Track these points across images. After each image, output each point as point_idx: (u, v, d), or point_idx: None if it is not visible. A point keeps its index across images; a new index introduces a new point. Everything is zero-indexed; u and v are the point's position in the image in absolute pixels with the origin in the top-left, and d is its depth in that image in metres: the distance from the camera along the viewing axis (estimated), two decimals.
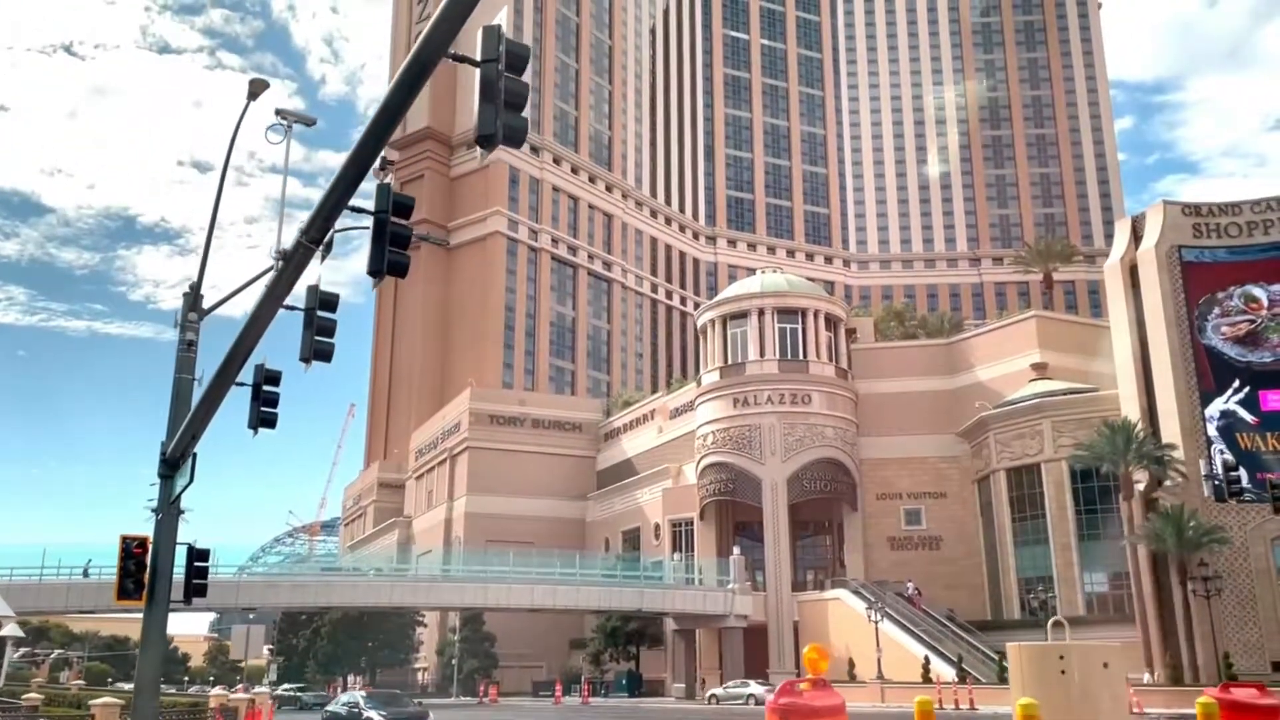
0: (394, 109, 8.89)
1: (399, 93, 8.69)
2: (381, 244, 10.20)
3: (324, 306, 12.89)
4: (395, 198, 10.52)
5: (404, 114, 9.14)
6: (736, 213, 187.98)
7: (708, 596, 65.12)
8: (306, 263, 11.29)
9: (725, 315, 73.88)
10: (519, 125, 8.61)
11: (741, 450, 70.10)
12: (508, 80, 8.43)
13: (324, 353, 12.84)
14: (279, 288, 11.87)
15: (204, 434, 15.69)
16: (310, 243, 10.71)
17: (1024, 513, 64.37)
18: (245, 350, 13.11)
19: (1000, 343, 70.96)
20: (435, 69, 8.65)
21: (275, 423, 14.98)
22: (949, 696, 50.46)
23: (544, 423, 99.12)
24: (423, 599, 67.43)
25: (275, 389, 15.08)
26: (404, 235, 10.42)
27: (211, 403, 14.54)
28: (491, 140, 8.49)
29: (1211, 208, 60.20)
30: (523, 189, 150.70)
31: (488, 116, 8.34)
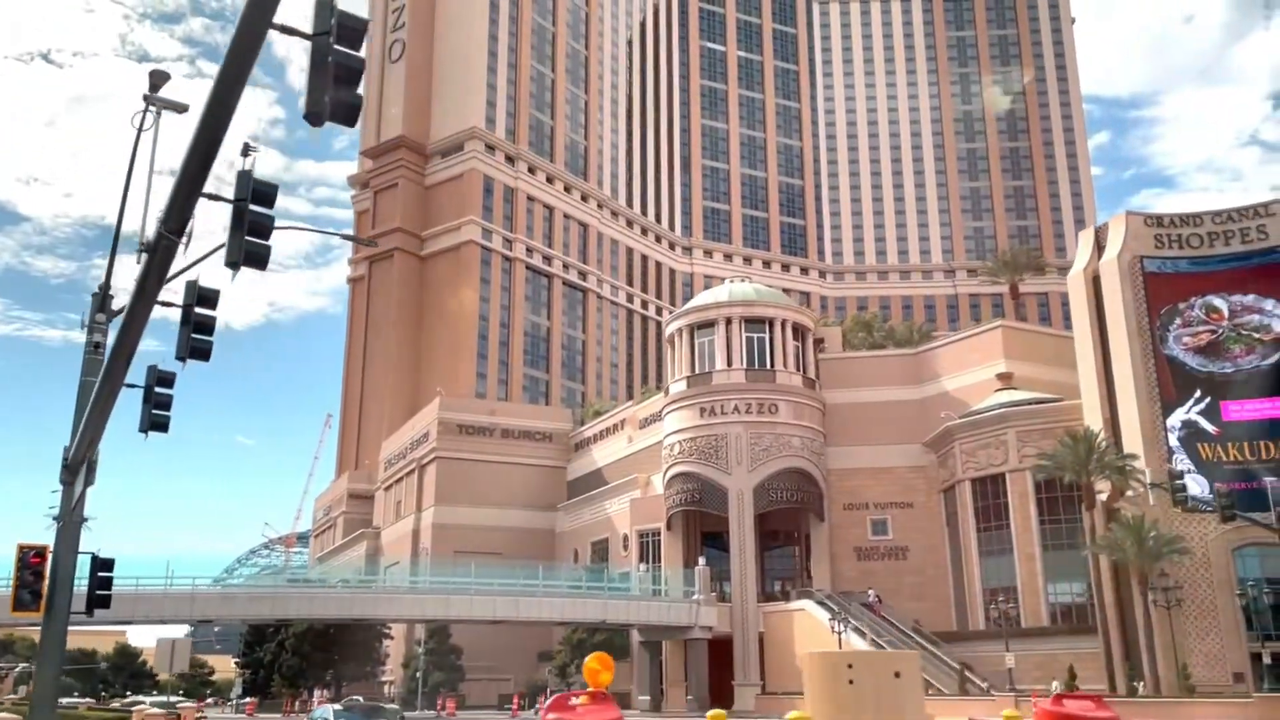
0: (230, 80, 8.37)
1: (233, 63, 8.17)
2: (239, 233, 9.72)
3: (202, 302, 12.40)
4: (256, 185, 10.04)
5: (242, 85, 8.64)
6: (713, 223, 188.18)
7: (672, 608, 64.57)
8: (172, 256, 10.80)
9: (693, 324, 73.56)
10: (351, 102, 8.18)
11: (708, 460, 69.71)
12: (340, 54, 7.97)
13: (201, 350, 12.33)
14: (148, 283, 11.35)
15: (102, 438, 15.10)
16: (170, 234, 10.22)
17: (989, 523, 64.25)
18: (128, 350, 12.57)
19: (966, 353, 70.96)
20: (265, 39, 8.07)
21: (167, 426, 14.43)
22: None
23: (514, 433, 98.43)
24: (383, 611, 66.58)
25: (168, 391, 14.54)
26: (265, 224, 9.93)
27: (104, 406, 13.99)
28: (319, 117, 8.04)
29: (1173, 219, 60.43)
30: (497, 198, 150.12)
31: (317, 91, 7.88)
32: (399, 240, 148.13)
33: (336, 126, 8.13)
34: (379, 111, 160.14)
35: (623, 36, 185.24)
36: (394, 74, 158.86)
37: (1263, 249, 57.92)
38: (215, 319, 12.59)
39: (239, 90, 8.55)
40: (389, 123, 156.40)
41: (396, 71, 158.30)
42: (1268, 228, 58.15)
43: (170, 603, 60.60)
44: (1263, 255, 57.87)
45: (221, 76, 8.34)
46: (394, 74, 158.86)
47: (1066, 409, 61.06)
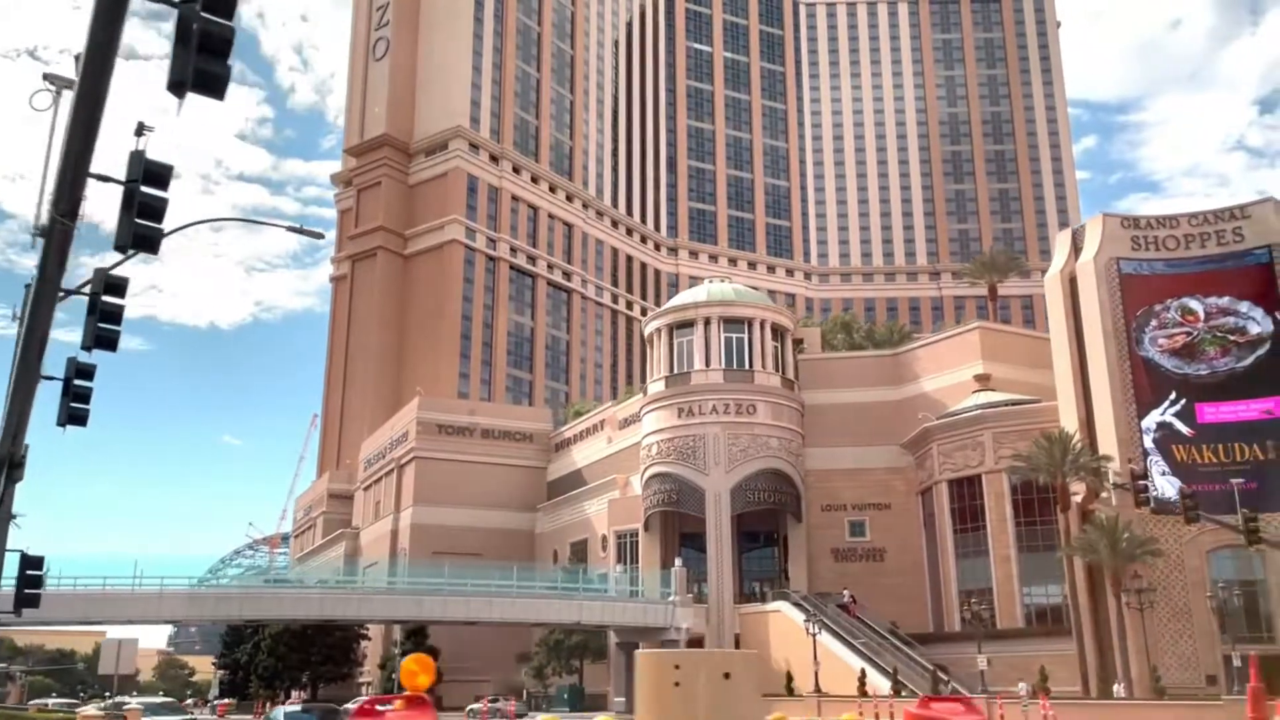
0: (98, 52, 7.94)
1: (98, 31, 7.72)
2: (129, 215, 9.34)
3: (110, 290, 12.00)
4: (149, 165, 9.66)
5: (112, 57, 8.24)
6: (698, 224, 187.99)
7: (649, 609, 64.20)
8: (69, 241, 10.42)
9: (672, 324, 73.26)
10: (217, 73, 7.81)
11: (685, 460, 69.41)
12: (207, 22, 7.59)
13: (107, 340, 11.94)
14: (48, 268, 10.96)
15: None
16: (62, 217, 9.84)
17: (965, 524, 64.12)
18: (39, 340, 12.16)
19: (944, 354, 70.84)
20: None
21: (86, 419, 14.02)
22: (884, 710, 49.81)
23: (494, 433, 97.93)
24: (354, 612, 66.07)
25: (87, 384, 14.13)
26: (156, 207, 9.54)
27: (23, 398, 13.58)
28: (182, 87, 7.67)
29: (1150, 220, 60.43)
30: (481, 197, 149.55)
31: (180, 61, 7.51)
32: (382, 239, 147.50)
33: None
34: (363, 109, 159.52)
35: (609, 37, 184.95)
36: (378, 72, 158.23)
37: (1238, 251, 57.94)
38: (123, 308, 12.18)
39: (110, 63, 8.16)
40: (373, 121, 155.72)
41: (380, 70, 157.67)
42: (1243, 230, 58.19)
43: (137, 603, 59.83)
44: (1238, 258, 57.91)
45: (89, 48, 7.96)
46: (378, 72, 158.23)
47: (1043, 410, 60.97)
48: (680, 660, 15.65)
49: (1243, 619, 54.42)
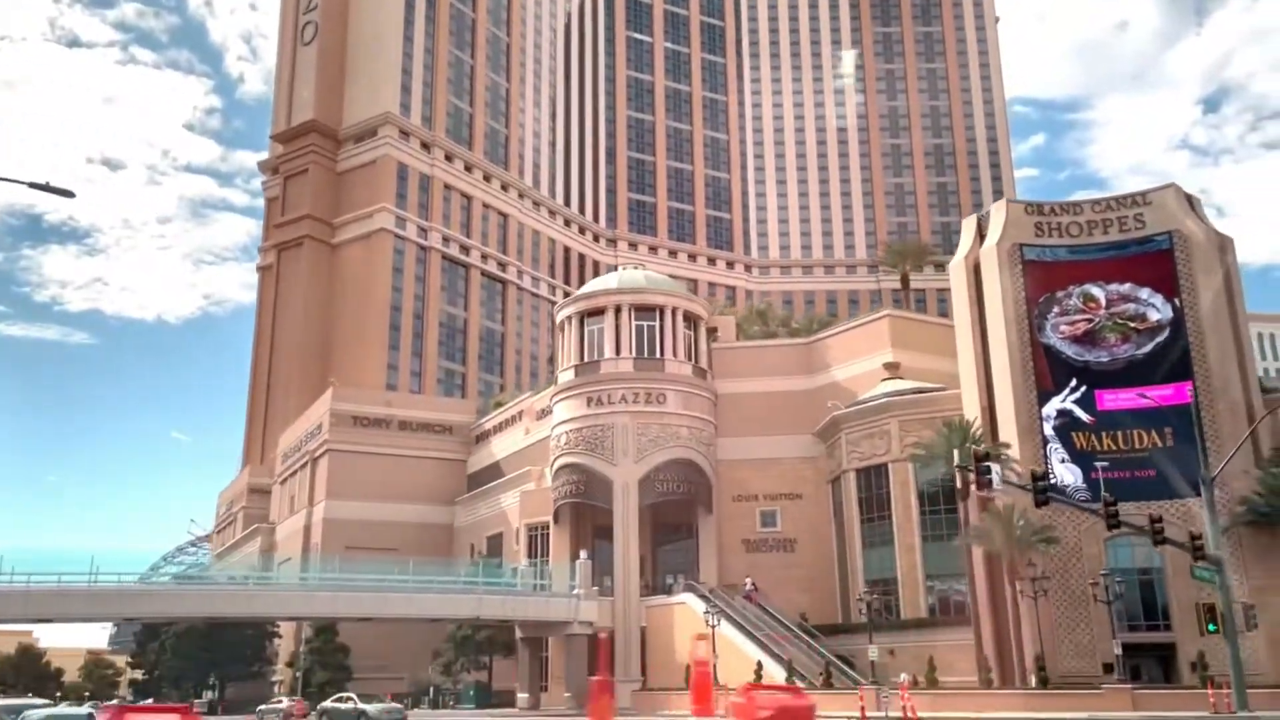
0: None
1: None
2: None
3: None
4: None
5: None
6: (638, 215, 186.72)
7: (551, 603, 62.82)
8: None
9: (582, 312, 71.84)
10: None
11: (594, 451, 68.06)
12: None
13: None
14: None
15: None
16: None
17: (872, 514, 63.46)
18: None
19: (855, 343, 70.17)
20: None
21: None
22: None
23: (412, 425, 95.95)
24: (244, 609, 63.80)
25: None
26: None
27: None
28: None
29: (1054, 206, 60.08)
30: (412, 185, 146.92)
31: None
32: (309, 228, 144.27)
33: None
34: (290, 95, 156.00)
35: (547, 25, 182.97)
36: (306, 57, 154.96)
37: (1140, 238, 57.72)
38: None
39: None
40: (300, 106, 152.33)
41: (308, 54, 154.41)
42: (1145, 216, 57.99)
43: (33, 601, 56.83)
44: (1140, 244, 57.68)
45: None
46: (306, 57, 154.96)
47: (948, 398, 60.43)
48: None
49: (1139, 607, 54.37)
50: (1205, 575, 35.70)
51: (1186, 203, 58.58)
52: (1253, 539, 51.59)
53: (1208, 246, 56.58)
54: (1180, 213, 57.64)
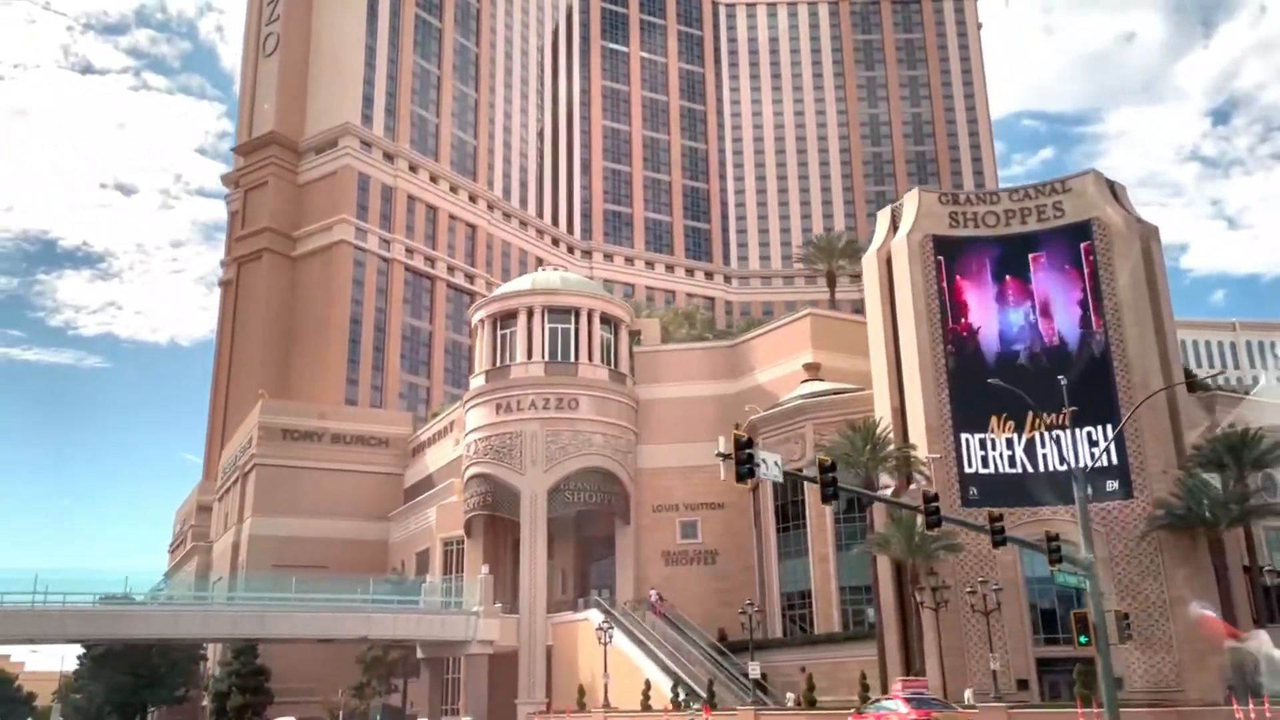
0: None
1: None
2: None
3: None
4: None
5: None
6: (614, 226, 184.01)
7: (447, 621, 59.56)
8: None
9: (496, 315, 68.92)
10: None
11: (502, 460, 64.97)
12: None
13: None
14: None
15: None
16: None
17: (788, 523, 60.13)
18: None
19: (778, 344, 67.01)
20: None
21: None
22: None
23: (346, 438, 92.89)
24: (139, 630, 60.52)
25: None
26: None
27: None
28: None
29: (970, 196, 56.99)
30: (373, 196, 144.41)
31: None
32: (268, 241, 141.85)
33: None
34: (251, 107, 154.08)
35: (519, 35, 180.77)
36: (267, 68, 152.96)
37: (1059, 227, 54.50)
38: None
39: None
40: (261, 118, 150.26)
41: (270, 66, 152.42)
42: (1064, 204, 54.81)
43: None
44: (1058, 234, 54.46)
45: None
46: (267, 68, 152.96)
47: (862, 399, 57.16)
48: None
49: (1056, 621, 50.86)
50: (1070, 580, 32.30)
51: (1108, 189, 55.39)
52: (1173, 543, 48.12)
53: (1128, 235, 53.31)
54: (1101, 200, 54.45)
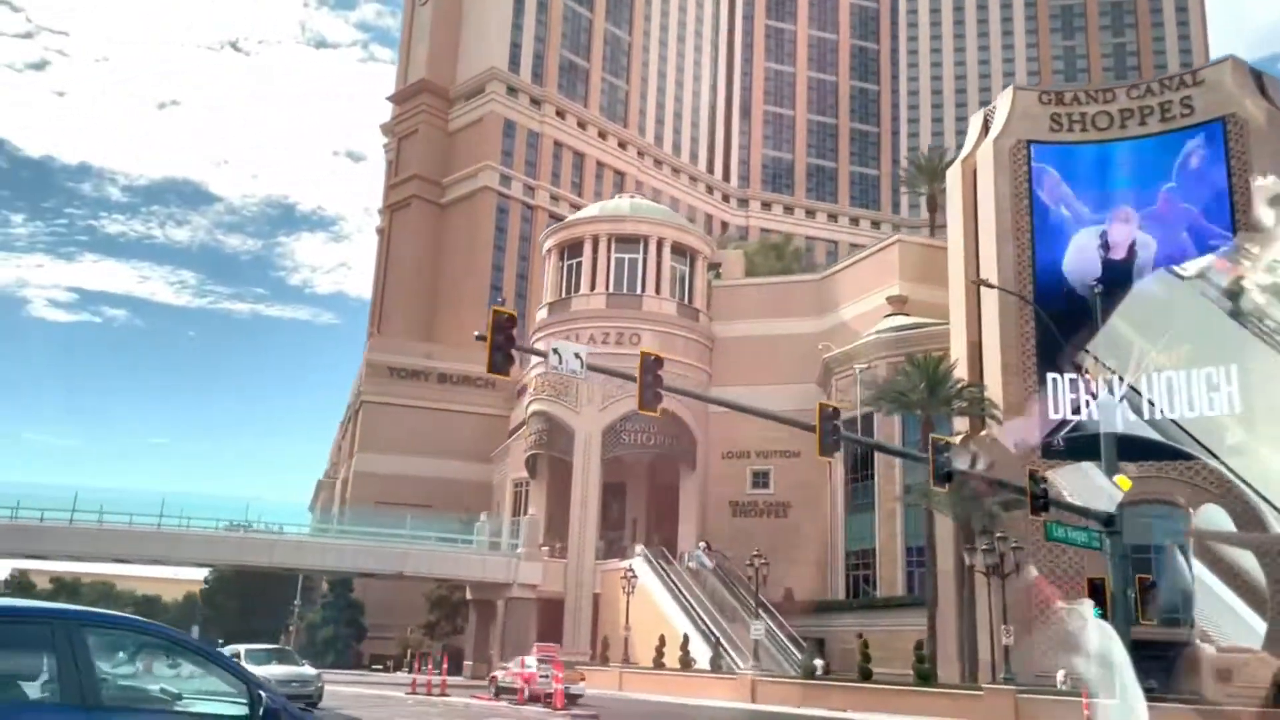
0: None
1: None
2: None
3: None
4: None
5: None
6: (774, 173, 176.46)
7: (487, 562, 56.73)
8: None
9: (563, 244, 65.07)
10: None
11: (560, 397, 61.32)
12: None
13: None
14: None
15: None
16: None
17: (857, 474, 53.51)
18: None
19: (865, 276, 59.77)
20: None
21: None
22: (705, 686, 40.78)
23: (453, 378, 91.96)
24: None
25: None
26: None
27: None
28: None
29: (1078, 95, 47.91)
30: (519, 143, 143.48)
31: None
32: (416, 188, 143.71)
33: None
34: (408, 56, 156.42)
35: None
36: (422, 16, 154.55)
37: (1185, 127, 44.89)
38: None
39: None
40: (415, 66, 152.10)
41: (424, 13, 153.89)
42: (1194, 100, 45.04)
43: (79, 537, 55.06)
44: (1185, 135, 44.86)
45: None
46: (422, 16, 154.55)
47: (940, 334, 49.65)
48: None
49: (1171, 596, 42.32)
50: (1077, 538, 25.10)
51: (1252, 81, 45.11)
52: None
53: (1272, 134, 43.14)
54: (1240, 93, 44.35)
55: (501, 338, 19.67)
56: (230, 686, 5.73)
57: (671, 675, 43.22)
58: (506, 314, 20.04)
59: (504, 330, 19.76)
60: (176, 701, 5.65)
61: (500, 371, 20.09)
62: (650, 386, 20.65)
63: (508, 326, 19.87)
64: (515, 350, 22.24)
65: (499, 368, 19.77)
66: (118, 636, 5.93)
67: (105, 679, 5.42)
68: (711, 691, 38.83)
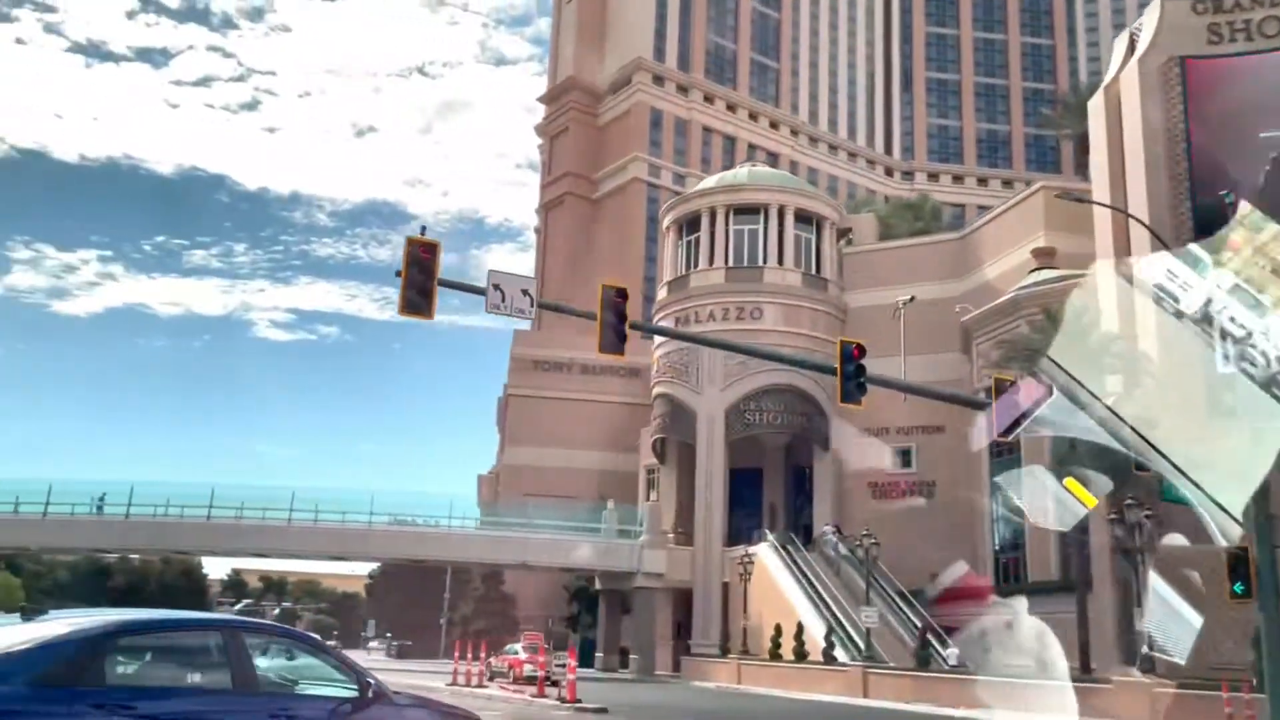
0: None
1: None
2: None
3: None
4: None
5: None
6: (940, 142, 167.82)
7: (609, 549, 54.79)
8: None
9: (680, 220, 62.54)
10: None
11: (680, 378, 58.83)
12: None
13: None
14: None
15: None
16: None
17: (1002, 448, 48.34)
18: None
19: (1008, 229, 54.20)
20: None
21: None
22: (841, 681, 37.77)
23: (595, 368, 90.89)
24: None
25: None
26: None
27: None
28: None
29: (1240, 0, 41.26)
30: (667, 131, 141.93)
31: None
32: (569, 185, 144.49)
33: None
34: (556, 55, 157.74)
35: None
36: (568, 15, 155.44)
37: None
38: None
39: None
40: (563, 65, 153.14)
41: (570, 11, 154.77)
42: None
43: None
44: None
45: None
46: (568, 15, 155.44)
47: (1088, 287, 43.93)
48: None
49: None
50: (1185, 498, 20.47)
51: None
52: None
53: None
54: None
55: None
56: (343, 675, 7.51)
57: (786, 668, 39.98)
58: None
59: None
60: (303, 685, 7.36)
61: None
62: (610, 326, 18.09)
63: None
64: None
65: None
66: (264, 638, 7.71)
67: (259, 670, 7.12)
68: (823, 685, 35.43)
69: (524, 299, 18.13)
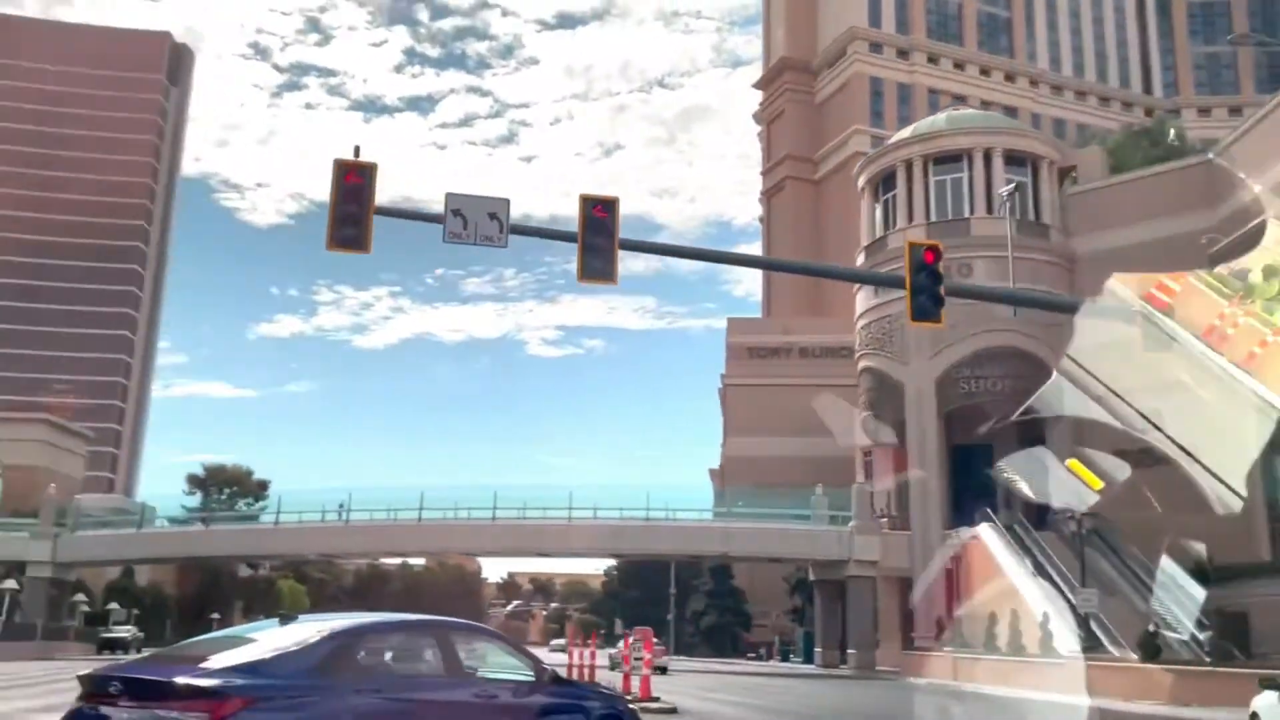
0: None
1: None
2: None
3: None
4: None
5: None
6: (1209, 74, 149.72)
7: (817, 537, 50.60)
8: None
9: (874, 178, 57.50)
10: None
11: (882, 349, 53.86)
12: None
13: None
14: None
15: None
16: None
17: None
18: None
19: (1265, 142, 45.39)
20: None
21: None
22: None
23: (813, 351, 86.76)
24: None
25: None
26: None
27: None
28: None
29: None
30: (889, 100, 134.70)
31: None
32: (789, 169, 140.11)
33: None
34: (769, 38, 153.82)
35: None
36: None
37: None
38: None
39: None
40: (775, 47, 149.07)
41: None
42: None
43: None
44: None
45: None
46: None
47: None
48: None
49: None
50: None
51: None
52: None
53: None
54: None
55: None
56: (523, 662, 9.17)
57: (1004, 662, 34.77)
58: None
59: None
60: (495, 671, 9.03)
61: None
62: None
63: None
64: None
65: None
66: (465, 634, 9.33)
67: (461, 660, 8.76)
68: (1044, 681, 30.22)
69: (491, 224, 15.49)
